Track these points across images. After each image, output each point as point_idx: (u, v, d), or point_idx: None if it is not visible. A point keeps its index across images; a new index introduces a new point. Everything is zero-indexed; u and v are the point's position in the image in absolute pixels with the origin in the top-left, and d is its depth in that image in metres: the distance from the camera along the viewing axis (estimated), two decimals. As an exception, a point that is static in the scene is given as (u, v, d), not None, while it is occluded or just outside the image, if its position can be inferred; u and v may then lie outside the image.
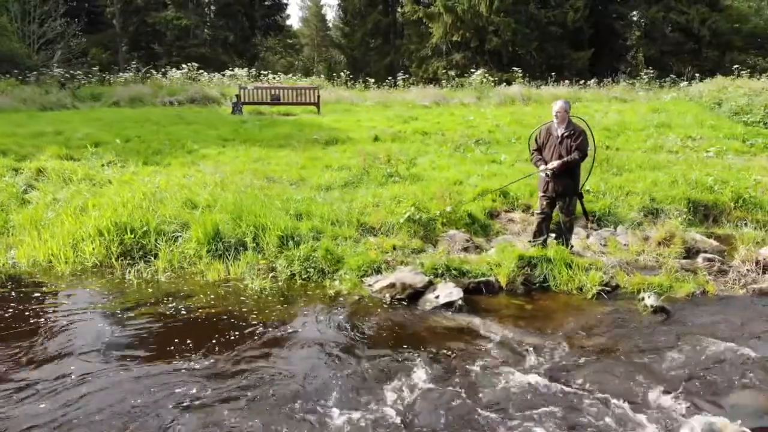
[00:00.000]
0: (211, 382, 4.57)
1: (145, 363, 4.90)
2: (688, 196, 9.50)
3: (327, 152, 12.53)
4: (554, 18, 30.86)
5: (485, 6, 29.48)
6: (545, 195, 7.10)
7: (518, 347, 5.15)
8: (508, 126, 15.50)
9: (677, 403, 4.29)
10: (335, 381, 4.59)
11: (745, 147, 14.42)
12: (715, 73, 28.54)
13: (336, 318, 5.86)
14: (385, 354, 5.06)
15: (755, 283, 6.62)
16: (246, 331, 5.56)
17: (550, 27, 30.99)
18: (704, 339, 5.31)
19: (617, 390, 4.48)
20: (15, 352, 5.07)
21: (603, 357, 5.05)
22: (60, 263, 7.34)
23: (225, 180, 9.90)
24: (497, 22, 30.14)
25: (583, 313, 6.02)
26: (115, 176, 10.24)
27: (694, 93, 20.09)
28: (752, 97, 17.17)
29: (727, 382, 4.60)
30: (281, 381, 4.61)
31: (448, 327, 5.62)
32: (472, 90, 25.28)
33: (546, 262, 6.79)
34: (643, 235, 8.17)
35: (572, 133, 6.91)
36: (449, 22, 30.95)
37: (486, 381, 4.56)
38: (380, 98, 24.10)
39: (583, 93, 24.63)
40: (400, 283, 6.36)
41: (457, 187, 9.47)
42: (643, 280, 6.63)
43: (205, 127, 14.82)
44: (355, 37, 37.45)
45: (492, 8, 29.49)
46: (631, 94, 24.67)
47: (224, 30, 36.50)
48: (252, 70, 26.76)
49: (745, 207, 9.52)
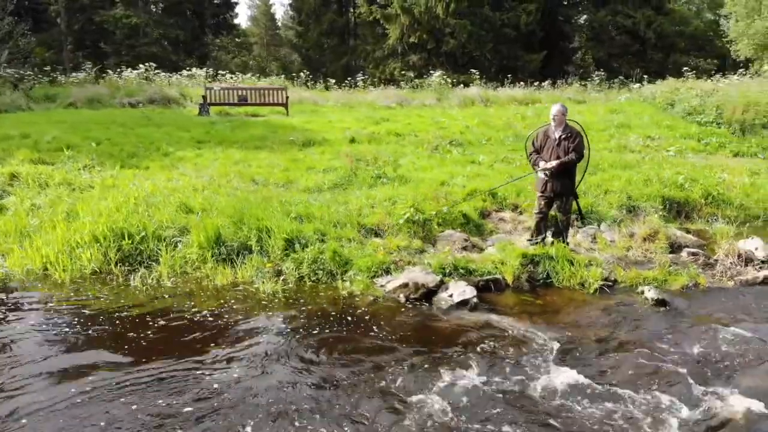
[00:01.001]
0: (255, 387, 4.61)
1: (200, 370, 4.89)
2: (662, 194, 10.01)
3: (306, 154, 12.55)
4: (508, 20, 31.61)
5: (442, 8, 29.92)
6: (543, 195, 7.39)
7: (541, 342, 5.38)
8: (477, 128, 15.85)
9: (697, 386, 4.60)
10: (382, 381, 4.70)
11: (700, 146, 15.23)
12: (660, 74, 29.91)
13: (360, 319, 5.95)
14: (421, 352, 5.21)
15: (740, 275, 7.09)
16: (278, 334, 5.60)
17: (504, 29, 31.74)
18: (707, 327, 5.69)
19: (641, 377, 4.77)
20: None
21: (621, 347, 5.34)
22: (58, 271, 7.14)
23: (212, 183, 9.84)
24: (453, 24, 30.65)
25: (590, 307, 6.32)
26: (96, 180, 10.00)
27: (648, 94, 20.99)
28: (704, 98, 18.10)
29: (738, 365, 4.96)
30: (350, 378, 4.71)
31: (469, 325, 5.80)
32: (432, 91, 25.61)
33: (548, 260, 7.08)
34: (629, 231, 8.57)
35: (569, 135, 7.22)
36: (406, 23, 31.27)
37: (523, 374, 4.77)
38: (342, 99, 24.14)
39: (538, 94, 25.28)
40: (413, 282, 6.50)
41: (444, 188, 9.68)
42: (639, 274, 7.00)
43: (176, 129, 14.57)
44: (310, 36, 37.32)
45: (448, 10, 29.97)
46: (584, 95, 25.54)
47: (174, 28, 35.74)
48: (209, 70, 26.34)
49: (714, 203, 10.10)
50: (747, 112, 16.33)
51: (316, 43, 37.34)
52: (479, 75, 26.92)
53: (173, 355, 5.15)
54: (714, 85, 19.23)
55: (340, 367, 4.94)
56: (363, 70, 35.40)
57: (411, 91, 26.14)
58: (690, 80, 20.79)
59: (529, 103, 22.19)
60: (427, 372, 4.83)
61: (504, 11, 31.59)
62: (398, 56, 34.22)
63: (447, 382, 4.63)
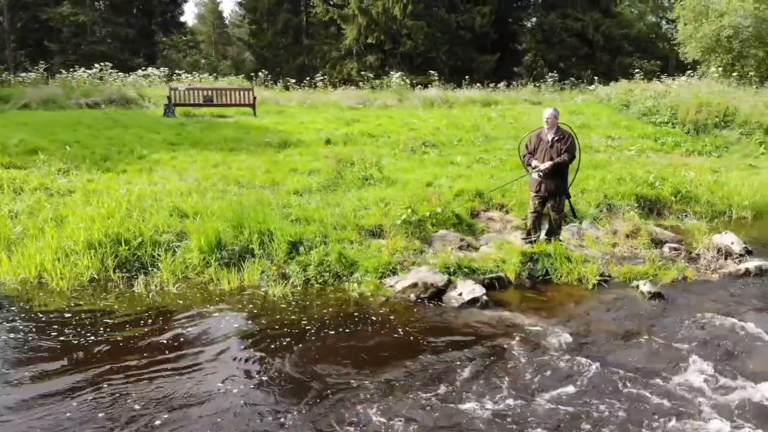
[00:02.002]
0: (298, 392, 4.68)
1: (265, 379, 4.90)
2: (635, 192, 10.49)
3: (285, 155, 12.53)
4: (463, 22, 32.15)
5: (399, 9, 30.18)
6: (537, 194, 7.67)
7: (557, 336, 5.63)
8: (446, 129, 16.14)
9: (709, 370, 4.94)
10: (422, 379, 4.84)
11: (657, 145, 16.00)
12: (607, 75, 31.03)
13: (380, 319, 6.07)
14: (450, 349, 5.38)
15: (723, 268, 7.56)
16: (305, 337, 5.65)
17: (459, 31, 32.26)
18: (703, 317, 6.07)
19: (655, 363, 5.09)
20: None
21: (630, 338, 5.66)
22: (55, 279, 6.96)
23: (198, 187, 9.73)
24: (410, 26, 30.95)
25: (591, 302, 6.63)
26: (77, 185, 9.75)
27: (603, 95, 21.77)
28: (658, 99, 18.95)
29: (740, 352, 5.33)
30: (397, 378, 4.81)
31: (485, 322, 6.01)
32: (392, 92, 25.80)
33: (546, 257, 7.37)
34: (612, 228, 8.99)
35: (561, 137, 7.53)
36: (363, 24, 31.39)
37: (551, 367, 5.00)
38: (304, 99, 24.01)
39: (494, 95, 25.81)
40: (422, 282, 6.66)
41: (432, 189, 9.86)
42: (631, 269, 7.38)
43: (145, 130, 14.27)
44: (265, 36, 36.92)
45: (406, 12, 30.24)
46: (539, 96, 26.27)
47: (124, 27, 34.72)
48: (165, 70, 25.75)
49: (683, 200, 10.66)
50: (699, 113, 17.22)
51: (270, 43, 36.99)
52: (438, 76, 27.32)
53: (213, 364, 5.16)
54: (666, 86, 20.12)
55: (379, 366, 5.06)
56: (319, 69, 35.33)
57: (372, 92, 26.27)
58: (643, 82, 21.66)
59: (491, 105, 22.69)
60: (465, 369, 4.99)
61: (459, 13, 32.11)
62: (355, 57, 34.28)
63: (485, 378, 4.81)
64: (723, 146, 16.29)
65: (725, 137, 16.69)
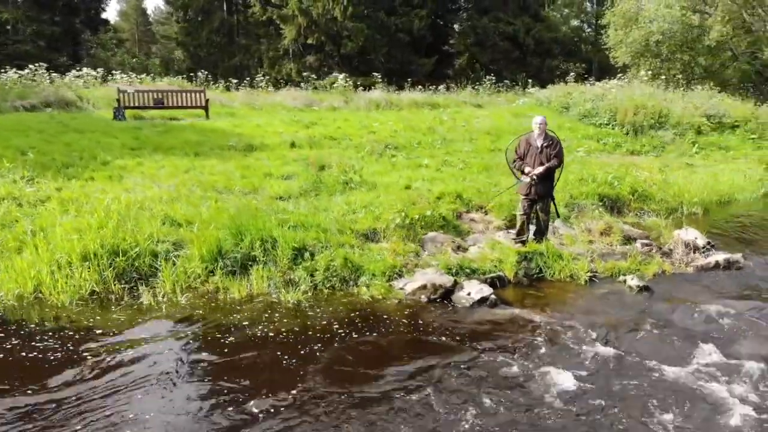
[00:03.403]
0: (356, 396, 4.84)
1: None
2: (598, 192, 11.15)
3: (254, 160, 12.46)
4: (402, 25, 32.65)
5: (339, 11, 30.30)
6: (527, 197, 8.10)
7: (568, 329, 6.04)
8: (404, 132, 16.43)
9: (710, 353, 5.48)
10: (461, 377, 5.10)
11: (600, 146, 16.95)
12: (537, 77, 32.36)
13: (400, 321, 6.30)
14: (476, 347, 5.67)
15: (693, 261, 8.24)
16: (336, 341, 5.80)
17: (398, 34, 32.75)
18: (690, 307, 6.67)
19: (661, 351, 5.61)
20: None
21: (634, 328, 6.16)
22: (53, 293, 6.75)
23: (178, 194, 9.59)
24: (351, 28, 31.14)
25: (588, 297, 7.12)
26: (47, 194, 9.39)
27: (543, 98, 22.74)
28: (596, 102, 20.01)
29: (732, 336, 5.92)
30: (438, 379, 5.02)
31: (499, 319, 6.36)
32: (337, 93, 25.90)
33: (539, 256, 7.80)
34: (586, 227, 9.55)
35: (551, 143, 7.99)
36: (304, 24, 31.30)
37: (575, 356, 5.40)
38: (248, 100, 23.76)
39: (436, 98, 26.37)
40: (431, 284, 6.93)
41: (414, 192, 10.13)
42: (615, 265, 7.93)
43: (101, 135, 13.80)
44: (199, 35, 36.07)
45: (346, 14, 30.39)
46: (478, 98, 27.08)
47: (49, 25, 33.06)
48: (101, 70, 24.78)
49: (640, 199, 11.43)
50: (637, 115, 18.35)
51: (205, 42, 36.19)
52: (381, 78, 27.67)
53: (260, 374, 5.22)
54: (603, 89, 21.27)
55: (415, 367, 5.28)
56: (257, 69, 34.92)
57: (316, 93, 26.27)
58: (580, 85, 22.77)
59: (434, 107, 23.27)
60: (498, 365, 5.31)
61: (398, 16, 32.58)
62: (294, 57, 34.13)
63: (521, 373, 5.13)
64: (659, 146, 17.43)
65: (661, 138, 17.86)
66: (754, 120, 18.89)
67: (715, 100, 20.42)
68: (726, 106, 20.05)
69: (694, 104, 19.45)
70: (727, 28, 22.70)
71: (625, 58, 25.37)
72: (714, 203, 12.22)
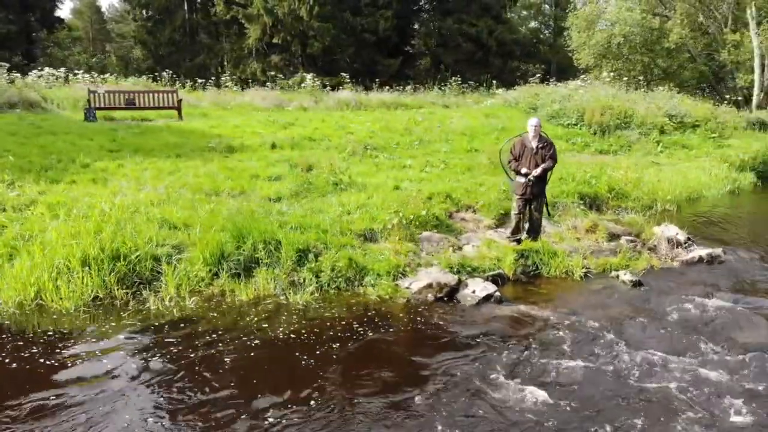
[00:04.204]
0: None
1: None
2: (577, 190, 11.52)
3: (238, 161, 12.39)
4: (367, 25, 32.75)
5: (305, 11, 30.20)
6: (522, 197, 8.34)
7: (576, 323, 6.30)
8: (381, 132, 16.57)
9: (710, 343, 5.80)
10: (483, 374, 5.27)
11: (569, 146, 17.42)
12: (500, 78, 32.91)
13: (414, 319, 6.44)
14: (495, 343, 5.86)
15: (678, 256, 8.63)
16: (354, 339, 5.89)
17: (364, 34, 32.84)
18: (682, 299, 7.00)
19: (666, 342, 5.90)
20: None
21: (635, 320, 6.45)
22: (56, 300, 6.64)
23: (169, 197, 9.50)
24: (317, 27, 31.07)
25: (585, 292, 7.42)
26: (31, 198, 9.17)
27: (511, 99, 23.20)
28: (563, 102, 20.54)
29: (728, 326, 6.26)
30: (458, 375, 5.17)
31: (509, 315, 6.58)
32: (307, 93, 25.85)
33: (535, 253, 8.05)
34: (572, 224, 9.87)
35: (545, 144, 8.26)
36: (269, 24, 31.08)
37: (590, 349, 5.63)
38: (216, 100, 23.51)
39: (404, 98, 26.57)
40: (436, 282, 7.09)
41: (404, 193, 10.26)
42: (606, 261, 8.25)
43: (77, 137, 13.49)
44: (162, 33, 35.38)
45: (312, 13, 30.31)
46: (445, 99, 27.40)
47: (3, 23, 31.92)
48: (62, 70, 24.09)
49: (617, 197, 11.85)
50: (603, 115, 18.92)
51: (167, 41, 35.53)
52: (349, 79, 27.71)
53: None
54: (569, 90, 21.84)
55: (433, 362, 5.43)
56: (220, 69, 34.54)
57: (284, 93, 26.16)
58: (547, 86, 23.32)
59: (409, 108, 23.50)
60: (515, 360, 5.50)
61: (363, 16, 32.66)
62: (258, 56, 33.83)
63: (543, 367, 5.34)
64: (626, 146, 18.02)
65: (627, 137, 18.47)
66: (713, 120, 19.73)
67: (675, 100, 21.24)
68: (686, 106, 20.88)
69: (657, 104, 20.19)
70: (686, 30, 23.63)
71: (588, 60, 26.08)
72: (684, 200, 12.79)
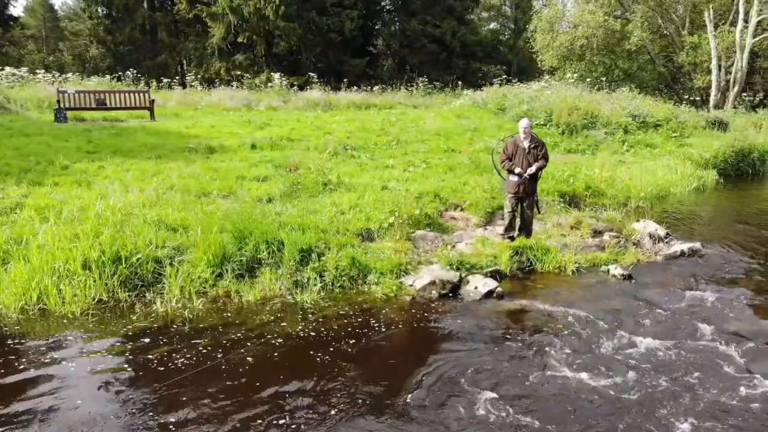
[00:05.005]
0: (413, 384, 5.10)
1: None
2: (557, 189, 11.89)
3: (220, 162, 12.33)
4: (333, 25, 32.75)
5: (272, 10, 30.01)
6: (515, 195, 8.61)
7: (578, 316, 6.58)
8: (358, 132, 16.69)
9: (707, 330, 6.16)
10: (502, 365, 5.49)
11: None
12: (463, 79, 33.44)
13: (422, 317, 6.60)
14: (507, 337, 6.07)
15: (660, 251, 9.03)
16: (368, 337, 6.01)
17: (330, 34, 32.83)
18: (671, 292, 7.41)
19: (664, 329, 6.25)
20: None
21: (632, 311, 6.77)
22: (60, 303, 6.56)
23: (159, 198, 9.42)
24: (283, 27, 30.92)
25: (580, 286, 7.71)
26: (15, 201, 8.98)
27: (479, 100, 23.58)
28: (531, 103, 21.03)
29: (717, 316, 6.63)
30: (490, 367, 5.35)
31: (513, 309, 6.84)
32: (276, 93, 25.75)
33: (529, 250, 8.32)
34: (556, 221, 10.20)
35: (537, 144, 8.54)
36: (234, 23, 30.77)
37: (597, 339, 5.90)
38: (183, 100, 23.28)
39: (372, 99, 26.73)
40: (439, 280, 7.27)
41: (388, 192, 10.40)
42: (595, 256, 8.59)
43: (51, 138, 13.20)
44: (122, 32, 34.58)
45: (278, 13, 30.14)
46: (413, 100, 27.69)
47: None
48: (23, 69, 23.40)
49: (594, 195, 12.27)
50: (571, 115, 19.47)
51: (127, 39, 34.77)
52: (318, 79, 27.75)
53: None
54: (536, 91, 22.35)
55: (447, 356, 5.62)
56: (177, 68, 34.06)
57: (252, 93, 25.98)
58: (514, 87, 23.80)
59: (378, 108, 23.72)
60: (526, 352, 5.74)
61: (329, 16, 32.65)
62: (222, 56, 33.44)
63: (555, 356, 5.58)
64: (593, 145, 18.58)
65: (594, 137, 19.04)
66: (674, 119, 20.53)
67: (637, 101, 22.00)
68: (648, 106, 21.64)
69: (620, 105, 20.88)
70: (646, 33, 24.47)
71: (552, 62, 26.72)
72: (654, 197, 13.32)
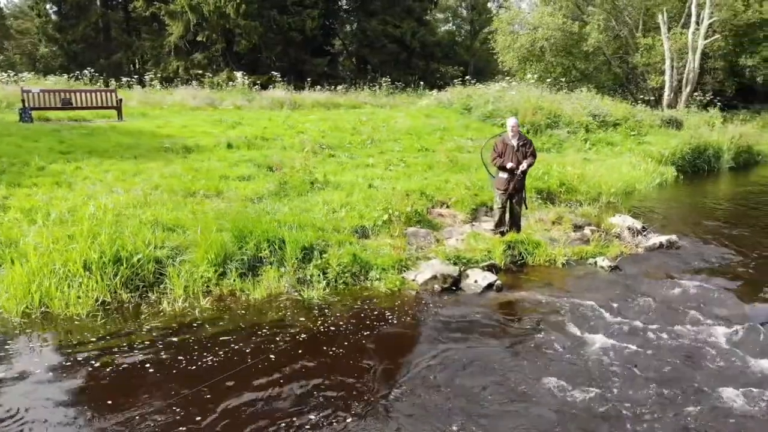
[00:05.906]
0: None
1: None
2: (533, 185, 12.27)
3: (199, 162, 12.22)
4: (294, 24, 32.60)
5: (232, 8, 29.67)
6: (505, 192, 8.89)
7: (572, 305, 6.89)
8: (332, 132, 16.76)
9: (696, 315, 6.57)
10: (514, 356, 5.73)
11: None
12: (423, 80, 33.81)
13: (428, 310, 6.79)
14: (512, 328, 6.32)
15: (640, 243, 9.48)
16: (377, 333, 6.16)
17: (291, 33, 32.68)
18: (657, 281, 7.81)
19: (658, 316, 6.63)
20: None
21: (626, 299, 7.11)
22: (63, 305, 6.47)
23: (147, 199, 9.33)
24: (243, 25, 30.62)
25: (572, 277, 8.05)
26: (6, 203, 8.77)
27: (445, 100, 23.93)
28: (496, 103, 21.51)
29: (703, 302, 7.05)
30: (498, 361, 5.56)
31: (513, 301, 7.12)
32: (239, 93, 25.51)
33: (520, 244, 8.62)
34: (538, 217, 10.55)
35: (525, 142, 8.85)
36: (193, 21, 30.29)
37: (597, 326, 6.22)
38: (145, 99, 22.76)
39: (337, 98, 26.78)
40: (441, 274, 7.48)
41: (374, 191, 10.55)
42: (582, 249, 8.96)
43: (20, 139, 12.81)
44: (75, 30, 33.52)
45: (239, 11, 29.82)
46: (377, 99, 27.85)
47: None
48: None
49: (568, 191, 12.73)
50: (536, 115, 20.02)
51: (80, 38, 33.74)
52: (281, 78, 27.59)
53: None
54: (498, 92, 22.84)
55: (472, 348, 5.82)
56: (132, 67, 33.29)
57: (215, 92, 25.66)
58: (478, 88, 24.25)
59: (342, 107, 23.86)
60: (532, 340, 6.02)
61: (290, 15, 32.49)
62: (180, 54, 32.86)
63: (560, 344, 5.86)
64: (558, 144, 19.17)
65: (558, 136, 19.64)
66: (632, 118, 21.36)
67: (596, 101, 22.77)
68: (607, 106, 22.45)
69: (581, 105, 21.59)
70: (602, 35, 25.34)
71: (513, 63, 27.35)
72: (622, 193, 13.89)
